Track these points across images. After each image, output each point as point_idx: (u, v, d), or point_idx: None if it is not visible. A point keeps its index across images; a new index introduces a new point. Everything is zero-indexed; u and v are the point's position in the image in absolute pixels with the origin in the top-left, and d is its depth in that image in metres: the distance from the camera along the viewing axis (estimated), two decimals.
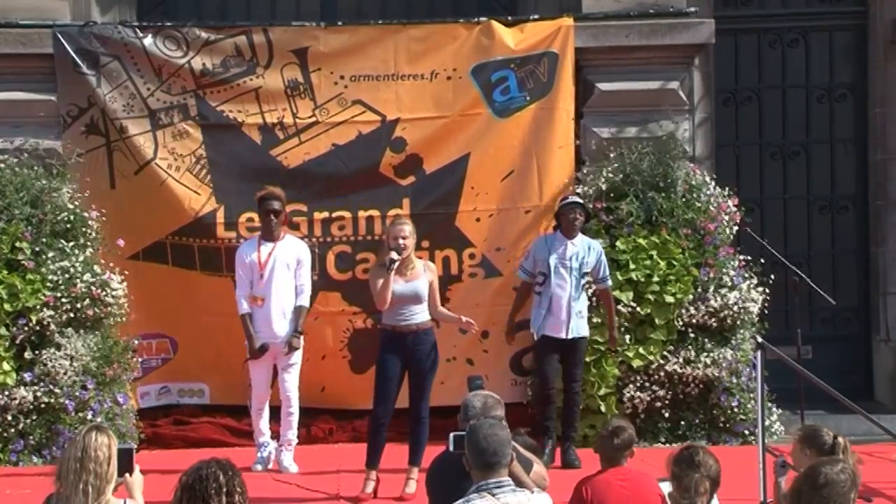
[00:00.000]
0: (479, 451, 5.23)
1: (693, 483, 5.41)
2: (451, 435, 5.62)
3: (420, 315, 9.02)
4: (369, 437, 9.18)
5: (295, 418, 9.97)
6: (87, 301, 10.36)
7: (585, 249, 10.04)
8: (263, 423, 10.04)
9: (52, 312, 10.26)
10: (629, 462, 6.55)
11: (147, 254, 11.09)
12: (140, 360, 10.89)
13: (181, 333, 11.19)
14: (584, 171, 11.25)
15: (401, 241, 8.92)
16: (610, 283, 10.22)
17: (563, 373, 10.05)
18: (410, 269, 9.00)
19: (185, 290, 11.07)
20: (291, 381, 9.91)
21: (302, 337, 9.89)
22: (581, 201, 10.21)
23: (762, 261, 11.11)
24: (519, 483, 5.50)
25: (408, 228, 9.01)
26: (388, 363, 9.05)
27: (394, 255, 8.92)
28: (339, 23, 11.45)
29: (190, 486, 4.74)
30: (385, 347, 9.08)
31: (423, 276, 9.03)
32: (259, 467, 9.91)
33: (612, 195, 10.97)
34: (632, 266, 10.70)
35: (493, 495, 5.13)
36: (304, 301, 9.91)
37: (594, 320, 10.56)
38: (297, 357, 9.93)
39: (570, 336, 9.91)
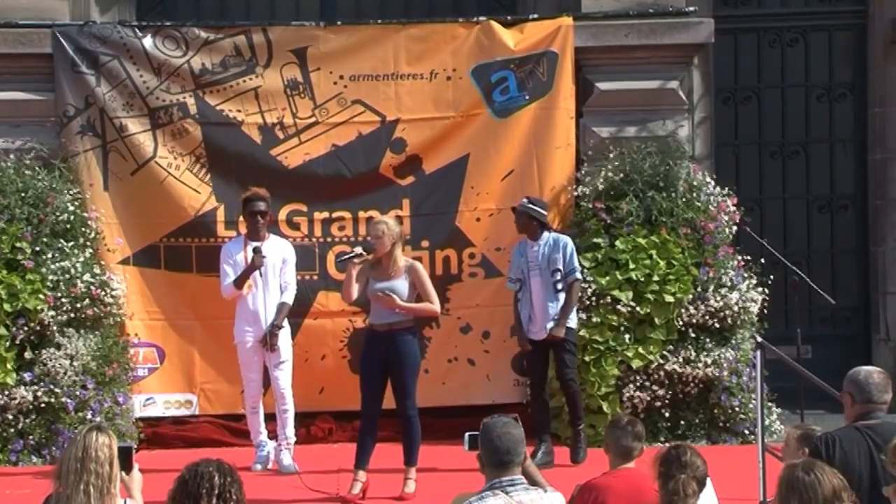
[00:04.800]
0: (493, 449, 5.23)
1: (681, 485, 5.33)
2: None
3: (397, 315, 9.03)
4: (358, 437, 9.23)
5: (290, 416, 9.97)
6: (87, 301, 10.36)
7: (551, 247, 9.96)
8: (260, 423, 10.05)
9: (52, 312, 10.27)
10: (636, 462, 6.49)
11: (138, 258, 11.05)
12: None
13: (170, 342, 11.08)
14: (584, 171, 11.25)
15: (371, 241, 9.07)
16: (578, 276, 10.03)
17: (555, 369, 10.05)
18: (393, 267, 9.02)
19: (176, 296, 11.04)
20: (284, 379, 9.91)
21: (282, 331, 9.85)
22: (520, 205, 10.02)
23: (762, 260, 11.11)
24: (533, 481, 5.50)
25: (381, 228, 9.02)
26: (366, 361, 9.18)
27: (358, 249, 9.00)
28: (339, 22, 11.44)
29: (185, 481, 4.76)
30: (365, 346, 9.24)
31: (403, 275, 9.04)
32: (258, 467, 9.92)
33: (611, 194, 10.96)
34: (631, 265, 10.68)
35: (507, 493, 5.14)
36: (288, 298, 9.91)
37: (593, 319, 10.58)
38: (286, 354, 9.93)
39: (543, 336, 9.87)
